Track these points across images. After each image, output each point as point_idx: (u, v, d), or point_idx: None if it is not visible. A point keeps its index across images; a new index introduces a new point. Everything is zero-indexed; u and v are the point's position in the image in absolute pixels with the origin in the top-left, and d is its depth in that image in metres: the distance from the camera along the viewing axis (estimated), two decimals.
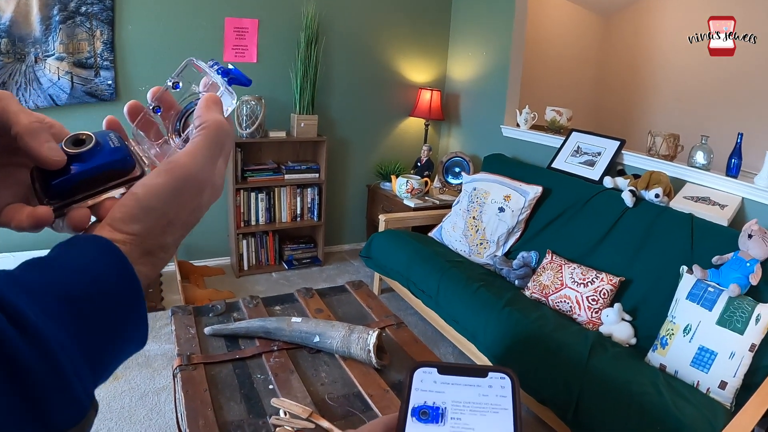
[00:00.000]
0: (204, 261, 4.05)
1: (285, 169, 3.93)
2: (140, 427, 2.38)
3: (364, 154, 4.44)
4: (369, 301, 2.04)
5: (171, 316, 1.90)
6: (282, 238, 4.18)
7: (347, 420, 1.39)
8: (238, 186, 3.75)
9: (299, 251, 4.20)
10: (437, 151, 4.70)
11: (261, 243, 4.05)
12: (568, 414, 2.08)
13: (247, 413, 1.41)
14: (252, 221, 3.94)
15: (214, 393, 1.48)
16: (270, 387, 1.52)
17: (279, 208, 4.02)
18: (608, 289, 2.56)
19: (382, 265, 3.41)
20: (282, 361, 1.63)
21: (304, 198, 4.07)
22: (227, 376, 1.57)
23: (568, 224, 3.02)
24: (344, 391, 1.52)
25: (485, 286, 2.79)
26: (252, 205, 3.90)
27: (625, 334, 2.42)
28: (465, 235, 3.33)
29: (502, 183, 3.30)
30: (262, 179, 3.86)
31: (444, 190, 4.24)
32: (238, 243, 3.91)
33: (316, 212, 4.12)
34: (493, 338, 2.49)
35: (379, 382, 1.54)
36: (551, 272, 2.78)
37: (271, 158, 4.02)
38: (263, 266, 4.09)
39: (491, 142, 4.06)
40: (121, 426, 2.38)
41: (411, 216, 3.80)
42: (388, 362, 1.63)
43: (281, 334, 1.71)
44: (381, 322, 1.87)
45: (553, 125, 3.66)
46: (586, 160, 3.23)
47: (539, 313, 2.57)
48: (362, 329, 1.62)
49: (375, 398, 1.47)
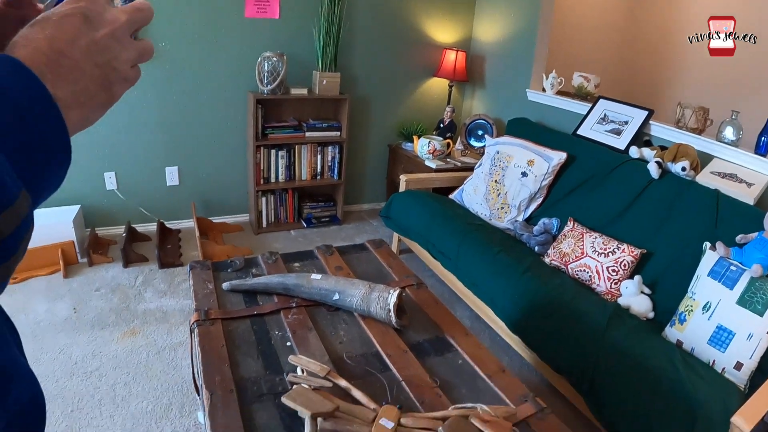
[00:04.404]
0: (223, 218, 4.05)
1: (306, 126, 3.88)
2: (156, 382, 2.41)
3: (386, 114, 4.36)
4: (389, 260, 2.00)
5: (189, 270, 1.88)
6: (301, 196, 4.15)
7: (365, 380, 1.37)
8: (258, 143, 3.71)
9: (318, 210, 4.18)
10: (460, 113, 4.60)
11: (280, 200, 4.03)
12: (583, 384, 2.05)
13: (264, 370, 1.39)
14: (272, 178, 3.91)
15: (231, 349, 1.47)
16: (288, 344, 1.50)
17: (299, 166, 3.98)
18: (629, 260, 2.50)
19: (401, 226, 3.38)
20: (300, 318, 1.61)
21: (325, 156, 4.02)
22: (245, 332, 1.55)
23: (592, 193, 2.95)
24: (362, 350, 1.49)
25: (505, 251, 2.75)
26: (272, 163, 3.86)
27: (643, 307, 2.37)
28: (486, 199, 3.27)
29: (526, 147, 3.22)
30: (282, 136, 3.81)
31: (466, 152, 4.15)
32: (257, 200, 3.89)
33: (336, 171, 4.08)
34: (511, 304, 2.46)
35: (398, 343, 1.52)
36: (572, 240, 2.72)
37: (292, 115, 3.96)
38: (282, 224, 4.08)
39: (516, 105, 3.95)
40: (138, 380, 2.41)
41: (432, 177, 3.74)
42: (407, 323, 1.60)
43: (300, 290, 1.69)
44: (401, 282, 1.84)
45: (579, 91, 3.56)
46: (613, 129, 3.14)
47: (558, 281, 2.52)
48: (383, 288, 1.59)
49: (393, 358, 1.44)
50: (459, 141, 4.19)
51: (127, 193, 3.69)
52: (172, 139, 3.68)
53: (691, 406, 1.73)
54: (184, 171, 3.81)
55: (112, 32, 0.44)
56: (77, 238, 3.29)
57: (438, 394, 1.32)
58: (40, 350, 2.54)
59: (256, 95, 3.59)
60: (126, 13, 0.46)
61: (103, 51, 0.43)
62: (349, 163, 4.20)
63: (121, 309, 2.91)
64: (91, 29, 0.43)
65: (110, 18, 0.45)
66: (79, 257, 3.33)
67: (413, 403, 1.29)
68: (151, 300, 3.02)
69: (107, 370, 2.45)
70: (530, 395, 1.33)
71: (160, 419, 2.20)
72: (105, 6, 0.45)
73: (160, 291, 3.11)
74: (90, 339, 2.65)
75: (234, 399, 1.26)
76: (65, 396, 2.28)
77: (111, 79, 0.44)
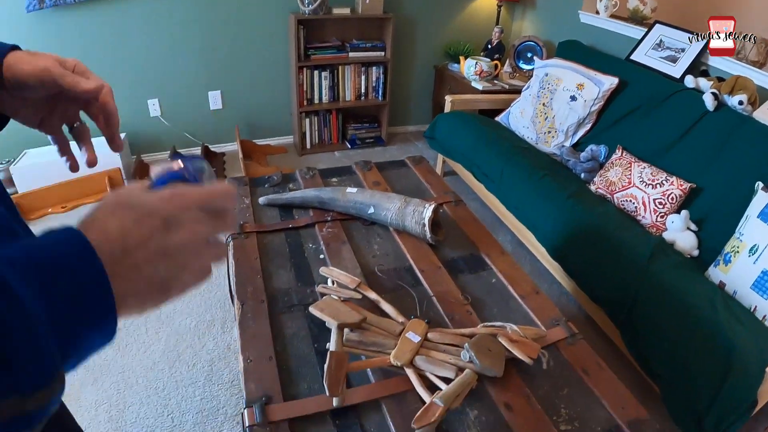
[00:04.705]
0: (267, 140, 4.04)
1: (349, 47, 3.76)
2: (200, 299, 2.47)
3: (432, 34, 4.17)
4: (428, 177, 1.94)
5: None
6: (345, 117, 4.09)
7: (396, 293, 1.34)
8: (300, 64, 3.63)
9: (363, 131, 4.11)
10: (509, 35, 4.35)
11: (324, 122, 3.98)
12: (620, 315, 1.99)
13: (296, 281, 1.38)
14: (315, 100, 3.85)
15: (264, 261, 1.46)
16: (321, 257, 1.48)
17: (343, 87, 3.89)
18: (677, 194, 2.35)
19: (445, 147, 3.28)
20: (335, 231, 1.58)
21: (369, 77, 3.91)
22: (279, 245, 1.54)
23: (643, 121, 2.76)
24: (395, 264, 1.46)
25: (550, 175, 2.64)
26: (315, 84, 3.79)
27: (688, 244, 2.25)
28: (533, 122, 3.13)
29: (577, 71, 3.03)
30: (325, 57, 3.72)
31: (514, 75, 3.95)
32: (300, 122, 3.85)
33: (380, 92, 3.97)
34: (553, 229, 2.38)
35: (431, 258, 1.47)
36: (619, 169, 2.58)
37: (334, 36, 3.84)
38: (326, 145, 4.05)
39: (567, 28, 3.70)
40: (182, 298, 2.47)
41: (478, 98, 3.59)
42: (442, 238, 1.55)
43: (335, 204, 1.65)
44: (439, 198, 1.78)
45: (635, 15, 3.29)
46: (668, 56, 2.90)
47: (603, 210, 2.42)
48: (418, 202, 1.54)
49: (426, 274, 1.41)
50: (507, 63, 3.99)
51: (171, 119, 3.70)
52: (214, 63, 3.64)
53: (728, 350, 1.65)
54: (227, 95, 3.79)
55: (187, 243, 0.43)
56: (123, 165, 3.36)
57: (468, 311, 1.28)
58: None
59: (297, 16, 3.48)
60: (210, 221, 0.45)
61: (171, 258, 0.42)
62: (393, 84, 4.09)
63: None
64: (167, 235, 0.42)
65: (191, 227, 0.43)
66: (126, 183, 3.39)
67: (442, 319, 1.26)
68: None
69: None
70: (563, 319, 1.27)
71: (202, 335, 2.27)
72: (191, 212, 0.44)
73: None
74: None
75: (264, 309, 1.26)
76: None
77: (170, 285, 0.43)
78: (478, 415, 1.02)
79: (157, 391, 2.02)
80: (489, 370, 1.03)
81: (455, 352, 1.09)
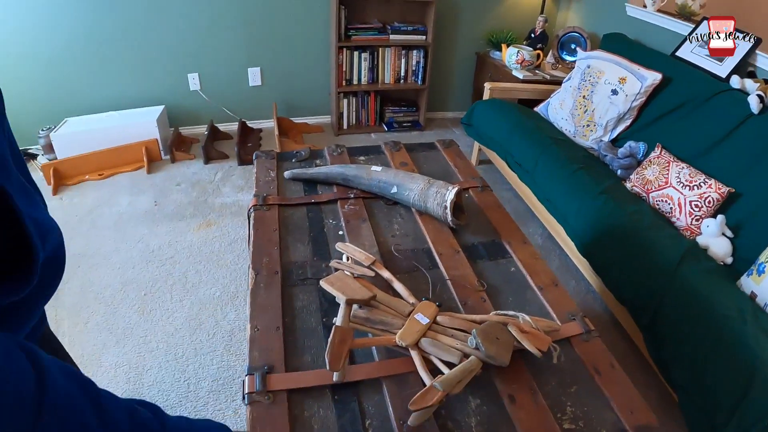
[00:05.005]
0: (304, 118, 4.05)
1: (390, 29, 3.73)
2: (226, 270, 2.50)
3: (475, 20, 4.08)
4: (457, 160, 1.90)
5: (255, 159, 1.87)
6: (384, 99, 4.06)
7: (411, 274, 1.32)
8: (340, 44, 3.61)
9: (401, 114, 4.08)
10: (554, 24, 4.23)
11: (362, 103, 3.96)
12: (644, 318, 1.92)
13: (312, 255, 1.37)
14: (354, 80, 3.84)
15: (283, 233, 1.46)
16: (340, 233, 1.47)
17: (382, 69, 3.86)
18: (714, 197, 2.25)
19: (481, 134, 3.23)
20: (356, 209, 1.57)
21: (409, 60, 3.87)
22: (299, 219, 1.53)
23: (684, 120, 2.65)
24: (414, 245, 1.44)
25: (585, 169, 2.57)
26: (354, 64, 3.77)
27: (722, 251, 2.14)
28: (572, 114, 3.04)
29: (619, 64, 2.92)
30: (366, 38, 3.69)
31: (557, 66, 3.85)
32: (338, 102, 3.84)
33: (420, 76, 3.93)
34: (583, 224, 2.31)
35: (451, 242, 1.44)
36: (657, 167, 2.48)
37: (376, 17, 3.81)
38: (363, 126, 4.04)
39: (613, 20, 3.58)
40: (209, 268, 2.51)
41: (518, 87, 3.51)
42: (464, 222, 1.52)
43: (359, 182, 1.63)
44: (465, 183, 1.74)
45: (683, 10, 3.15)
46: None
47: (636, 208, 2.33)
48: (442, 184, 1.51)
49: (444, 257, 1.38)
50: (551, 54, 3.89)
51: (210, 94, 3.74)
52: (254, 40, 3.65)
53: (753, 364, 1.56)
54: (266, 72, 3.80)
55: None
56: (161, 136, 3.41)
57: (482, 298, 1.25)
58: (121, 239, 2.70)
59: None
60: None
61: None
62: (433, 68, 4.04)
63: (199, 202, 3.02)
64: None
65: None
66: (163, 154, 3.46)
67: (455, 304, 1.23)
68: (228, 194, 3.11)
69: (181, 258, 2.57)
70: (579, 314, 1.23)
71: (225, 305, 2.30)
72: None
73: (238, 186, 3.19)
74: (168, 230, 2.77)
75: (277, 280, 1.26)
76: (141, 281, 2.43)
77: None
78: (480, 404, 1.00)
79: (176, 356, 2.06)
80: (494, 359, 1.00)
81: (463, 337, 1.06)
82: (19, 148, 0.69)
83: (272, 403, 0.96)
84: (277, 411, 0.94)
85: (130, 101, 3.55)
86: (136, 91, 3.55)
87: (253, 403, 0.96)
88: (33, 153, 3.40)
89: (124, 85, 3.52)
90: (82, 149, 3.21)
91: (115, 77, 3.47)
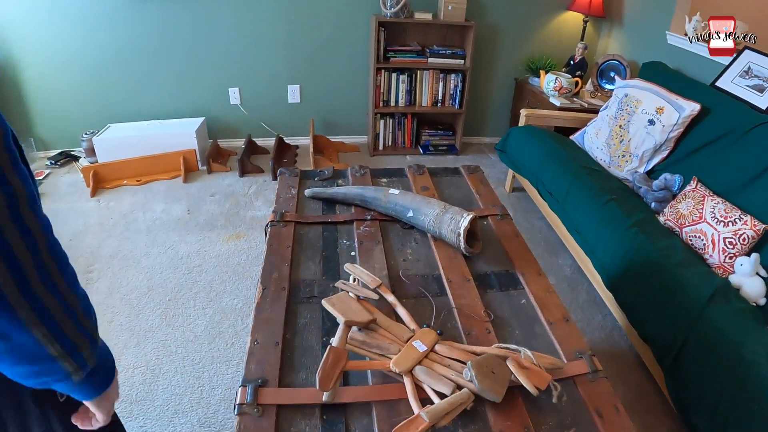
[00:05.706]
0: (341, 137, 4.09)
1: (429, 52, 3.75)
2: (250, 282, 2.53)
3: (514, 45, 4.07)
4: (479, 187, 1.89)
5: (278, 176, 1.90)
6: (421, 122, 4.08)
7: (417, 300, 1.31)
8: (379, 65, 3.66)
9: (437, 138, 4.09)
10: (594, 52, 4.18)
11: (399, 125, 3.98)
12: (667, 358, 1.84)
13: (322, 274, 1.38)
14: (391, 102, 3.87)
15: (296, 251, 1.47)
16: (352, 254, 1.47)
17: (420, 92, 3.88)
18: (750, 234, 2.15)
19: (515, 161, 3.20)
20: (372, 231, 1.57)
21: (447, 84, 3.88)
22: (314, 238, 1.55)
23: (722, 152, 2.54)
24: (425, 271, 1.43)
25: (617, 200, 2.50)
26: (392, 86, 3.81)
27: (755, 291, 2.03)
28: (607, 144, 2.98)
29: (657, 93, 2.85)
30: (404, 60, 3.72)
31: (596, 94, 3.79)
32: (375, 122, 3.87)
33: (457, 100, 3.93)
34: (611, 257, 2.24)
35: (462, 269, 1.43)
36: (692, 201, 2.40)
37: (415, 40, 3.85)
38: (398, 148, 4.06)
39: (654, 48, 3.50)
40: (234, 279, 2.55)
41: (554, 115, 3.47)
42: (478, 251, 1.50)
43: (377, 204, 1.64)
44: (485, 210, 1.73)
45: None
46: (755, 85, 2.67)
47: (668, 243, 2.24)
48: (457, 210, 1.49)
49: (453, 285, 1.36)
50: (590, 82, 3.84)
51: (250, 108, 3.83)
52: (295, 58, 3.73)
53: None
54: (305, 89, 3.87)
55: None
56: (199, 147, 3.50)
57: (487, 329, 1.23)
58: (152, 244, 2.77)
59: (378, 17, 3.51)
60: None
61: None
62: (471, 93, 4.04)
63: (231, 214, 3.08)
64: None
65: None
66: (200, 165, 3.55)
67: (458, 333, 1.22)
68: (260, 208, 3.16)
69: (208, 267, 2.62)
70: (588, 353, 1.19)
71: (246, 317, 2.33)
72: None
73: (270, 201, 3.23)
74: (198, 238, 2.83)
75: (284, 296, 1.27)
76: (166, 286, 2.48)
77: None
78: None
79: (193, 363, 2.09)
80: (487, 393, 0.98)
81: (460, 368, 1.05)
82: (62, 149, 0.74)
83: (261, 417, 0.96)
84: (265, 424, 0.95)
85: (172, 111, 3.67)
86: (179, 102, 3.67)
87: (242, 414, 0.96)
88: (75, 155, 3.54)
89: (168, 95, 3.64)
90: (122, 155, 3.33)
91: (159, 88, 3.60)
